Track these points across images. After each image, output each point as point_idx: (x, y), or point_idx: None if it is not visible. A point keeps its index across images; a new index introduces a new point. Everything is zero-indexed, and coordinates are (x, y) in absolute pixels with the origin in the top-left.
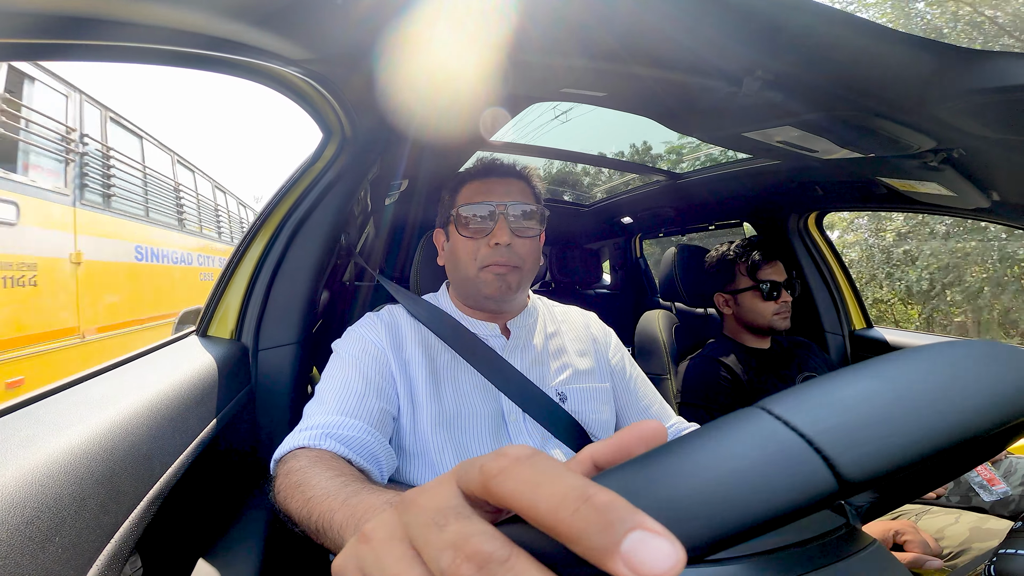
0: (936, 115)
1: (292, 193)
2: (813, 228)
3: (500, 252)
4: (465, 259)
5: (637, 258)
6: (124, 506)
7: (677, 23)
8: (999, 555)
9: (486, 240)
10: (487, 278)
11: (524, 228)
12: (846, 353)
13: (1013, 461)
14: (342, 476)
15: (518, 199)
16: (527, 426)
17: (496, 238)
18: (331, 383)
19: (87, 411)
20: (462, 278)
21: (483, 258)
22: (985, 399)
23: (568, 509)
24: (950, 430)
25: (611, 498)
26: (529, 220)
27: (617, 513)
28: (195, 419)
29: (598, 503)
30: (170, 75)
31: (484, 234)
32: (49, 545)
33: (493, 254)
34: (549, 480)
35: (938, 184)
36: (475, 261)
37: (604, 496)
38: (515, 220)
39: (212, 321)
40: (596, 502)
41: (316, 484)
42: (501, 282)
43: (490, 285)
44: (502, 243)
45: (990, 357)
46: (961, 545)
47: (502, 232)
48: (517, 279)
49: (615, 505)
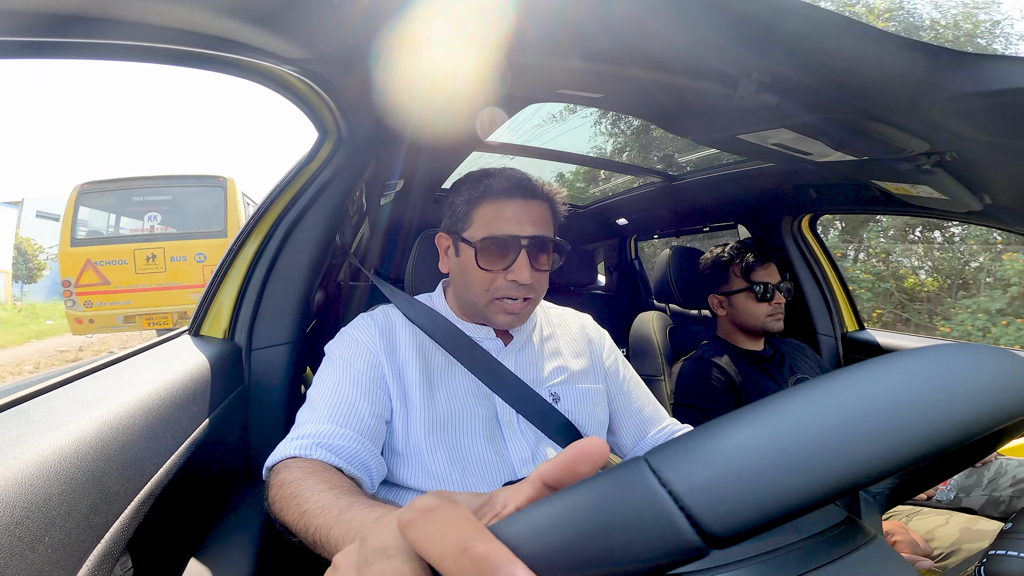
0: (929, 118)
1: (287, 192)
2: (807, 230)
3: (516, 287)
4: (478, 287)
5: (632, 259)
6: (115, 506)
7: (674, 25)
8: (989, 556)
9: (503, 272)
10: (497, 310)
11: (543, 262)
12: (838, 355)
13: (1003, 462)
14: (334, 489)
15: (542, 231)
16: (521, 427)
17: (515, 275)
18: (322, 388)
19: (78, 410)
20: (471, 303)
21: (497, 289)
22: (867, 449)
23: (451, 559)
24: (827, 480)
25: (488, 549)
26: (550, 254)
27: (491, 564)
28: (187, 419)
29: (475, 554)
30: (160, 73)
31: (503, 266)
32: (38, 545)
33: (509, 288)
34: (441, 532)
35: (931, 187)
36: (488, 292)
37: (482, 548)
38: (536, 255)
39: (205, 320)
40: (473, 553)
41: (310, 498)
42: (513, 318)
43: (500, 317)
44: (521, 280)
45: (894, 384)
46: (952, 546)
47: (522, 269)
48: (530, 311)
49: (491, 556)
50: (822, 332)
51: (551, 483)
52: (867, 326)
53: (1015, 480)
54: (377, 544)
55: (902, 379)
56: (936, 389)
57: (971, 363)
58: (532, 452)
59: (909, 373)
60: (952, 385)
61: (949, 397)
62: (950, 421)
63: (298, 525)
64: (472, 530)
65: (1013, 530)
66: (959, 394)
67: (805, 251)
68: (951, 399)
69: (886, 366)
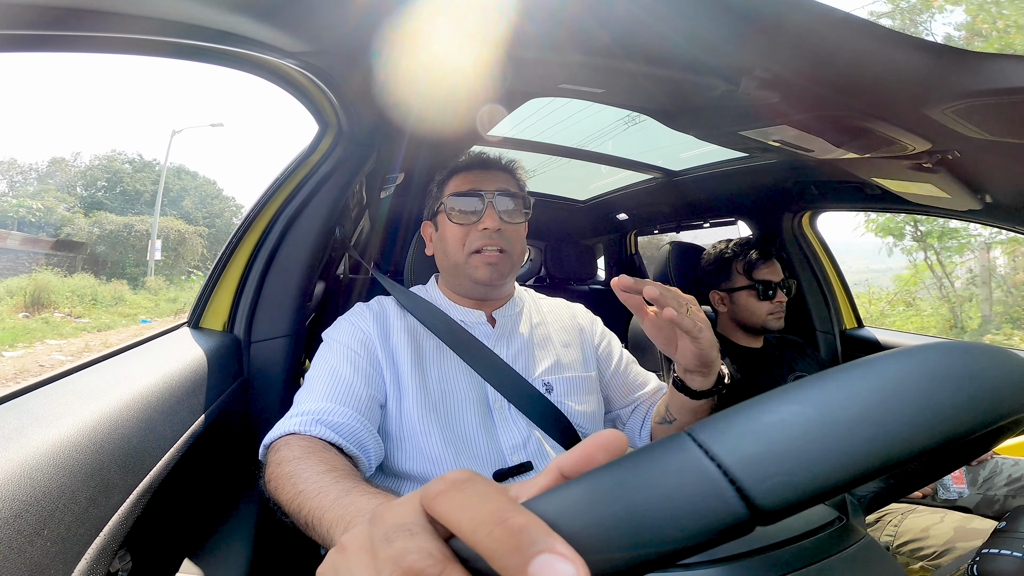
0: (932, 116)
1: (287, 185)
2: (807, 227)
3: (489, 236)
4: (454, 246)
5: (632, 255)
6: (113, 499)
7: (677, 21)
8: (982, 554)
9: (475, 226)
10: (477, 263)
11: (511, 214)
12: (837, 352)
13: (999, 461)
14: (333, 472)
15: (505, 188)
16: (512, 415)
17: (485, 224)
18: (320, 371)
19: (77, 403)
20: (452, 264)
21: (472, 242)
22: (911, 423)
23: (485, 530)
24: (872, 456)
25: (525, 521)
26: (516, 207)
27: (528, 536)
28: (186, 411)
29: (511, 525)
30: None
31: (473, 221)
32: (38, 539)
33: (482, 238)
34: (475, 503)
35: (932, 185)
36: (464, 247)
37: (519, 519)
38: (503, 207)
39: (204, 313)
40: (510, 524)
41: (307, 478)
42: (492, 269)
43: (480, 270)
44: (491, 228)
45: (932, 371)
46: (945, 544)
47: (491, 218)
48: (508, 265)
49: (528, 528)
50: (821, 329)
51: (568, 474)
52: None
53: (1010, 479)
54: (397, 521)
55: (932, 366)
56: (966, 376)
57: (983, 360)
58: (524, 440)
59: (936, 361)
60: (977, 374)
61: (978, 385)
62: (977, 407)
63: (292, 505)
64: (507, 502)
65: (1007, 529)
66: (982, 386)
67: (805, 248)
68: (979, 388)
69: (916, 352)
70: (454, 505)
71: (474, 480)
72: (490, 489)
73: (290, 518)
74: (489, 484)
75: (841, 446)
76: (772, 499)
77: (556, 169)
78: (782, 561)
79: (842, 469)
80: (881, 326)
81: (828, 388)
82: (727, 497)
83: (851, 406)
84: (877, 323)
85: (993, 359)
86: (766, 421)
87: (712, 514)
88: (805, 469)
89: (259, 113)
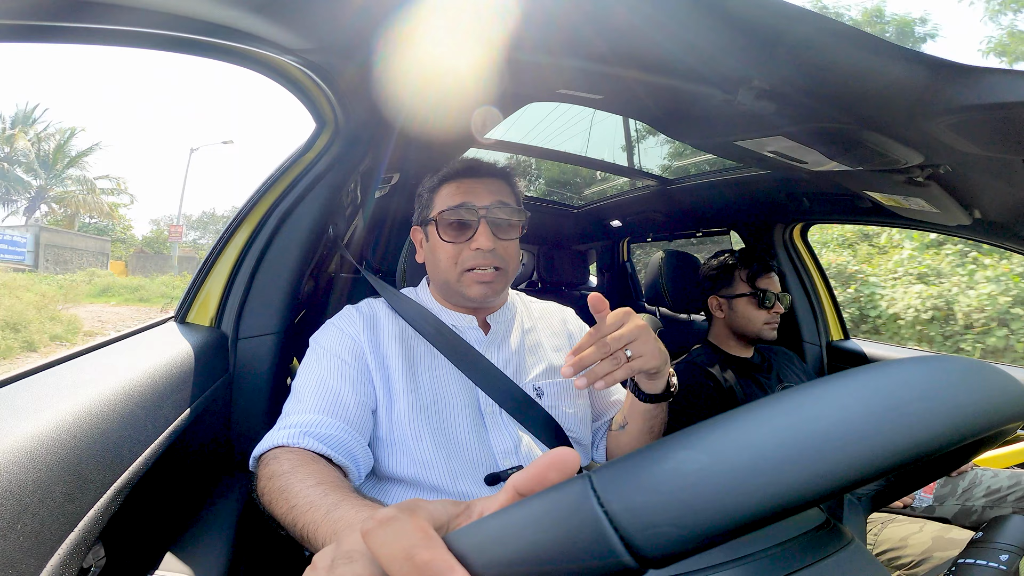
0: (926, 130)
1: (281, 181)
2: (798, 239)
3: (482, 255)
4: (446, 263)
5: (624, 262)
6: (90, 494)
7: (676, 31)
8: (958, 564)
9: (468, 244)
10: (470, 282)
11: (506, 230)
12: (823, 363)
13: (978, 473)
14: (323, 484)
15: (499, 201)
16: (503, 420)
17: (478, 243)
18: (307, 379)
19: (57, 396)
20: (443, 280)
21: (464, 261)
22: (803, 472)
23: (397, 564)
24: (762, 504)
25: (431, 556)
26: (511, 221)
27: (433, 570)
28: (169, 407)
29: (418, 560)
30: (147, 59)
31: (466, 238)
32: (11, 533)
33: (475, 257)
34: (391, 540)
35: (923, 200)
36: (456, 265)
37: (426, 554)
38: (496, 223)
39: (192, 308)
40: (416, 560)
41: (298, 492)
42: (486, 287)
43: (473, 288)
44: (485, 248)
45: (838, 413)
46: (923, 554)
47: (484, 237)
48: (503, 282)
49: (432, 563)
50: (808, 340)
51: (524, 492)
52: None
53: (988, 491)
54: (345, 548)
55: (850, 399)
56: (887, 408)
57: (878, 407)
58: (515, 444)
59: (857, 393)
60: (900, 404)
61: (892, 416)
62: (886, 443)
63: (286, 519)
64: (420, 538)
65: (983, 539)
66: (905, 413)
67: (795, 259)
68: (893, 418)
69: (833, 386)
70: (377, 541)
71: (398, 517)
72: (410, 525)
73: (287, 532)
74: (411, 520)
75: (729, 494)
76: (655, 547)
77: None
78: (768, 566)
79: (728, 517)
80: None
81: (728, 433)
82: (612, 544)
83: (744, 453)
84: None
85: (898, 395)
86: (661, 468)
87: (599, 560)
88: (691, 516)
89: (260, 120)
